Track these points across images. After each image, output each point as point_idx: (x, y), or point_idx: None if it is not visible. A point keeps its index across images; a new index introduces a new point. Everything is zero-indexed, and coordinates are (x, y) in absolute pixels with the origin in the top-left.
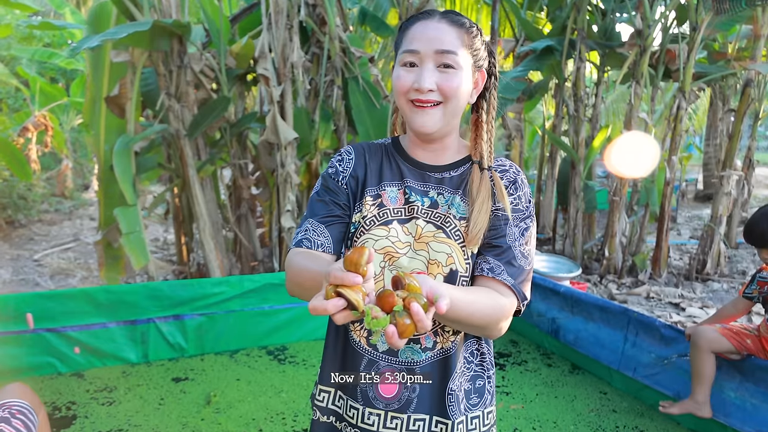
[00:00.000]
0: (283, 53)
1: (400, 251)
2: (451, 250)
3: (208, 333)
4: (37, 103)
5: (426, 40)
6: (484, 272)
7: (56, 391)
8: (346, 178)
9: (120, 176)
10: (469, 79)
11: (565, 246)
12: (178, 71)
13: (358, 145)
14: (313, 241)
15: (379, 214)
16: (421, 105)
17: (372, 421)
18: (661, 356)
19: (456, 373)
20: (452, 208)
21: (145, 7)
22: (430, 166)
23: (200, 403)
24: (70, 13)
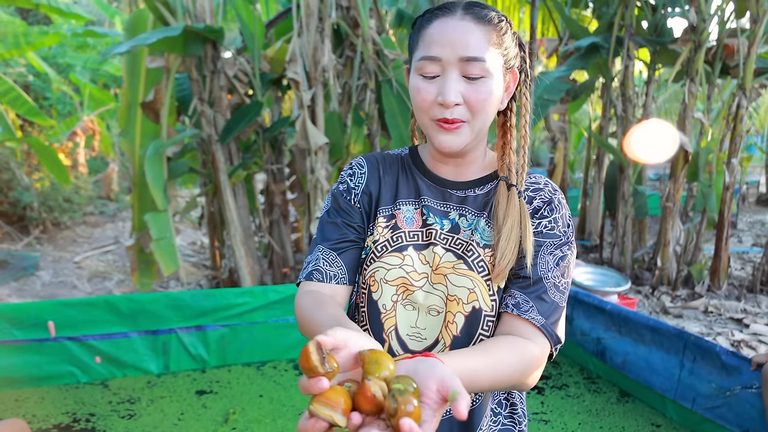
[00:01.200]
0: (314, 57)
1: (415, 284)
2: (473, 285)
3: (230, 345)
4: (87, 108)
5: (448, 45)
6: (509, 309)
7: (79, 400)
8: (358, 196)
9: (151, 181)
10: (500, 85)
11: (614, 254)
12: (211, 76)
13: (371, 156)
14: (324, 272)
15: (392, 238)
16: (449, 125)
17: None
18: (722, 387)
19: (482, 429)
20: (476, 234)
21: (179, 12)
22: (452, 183)
23: (218, 421)
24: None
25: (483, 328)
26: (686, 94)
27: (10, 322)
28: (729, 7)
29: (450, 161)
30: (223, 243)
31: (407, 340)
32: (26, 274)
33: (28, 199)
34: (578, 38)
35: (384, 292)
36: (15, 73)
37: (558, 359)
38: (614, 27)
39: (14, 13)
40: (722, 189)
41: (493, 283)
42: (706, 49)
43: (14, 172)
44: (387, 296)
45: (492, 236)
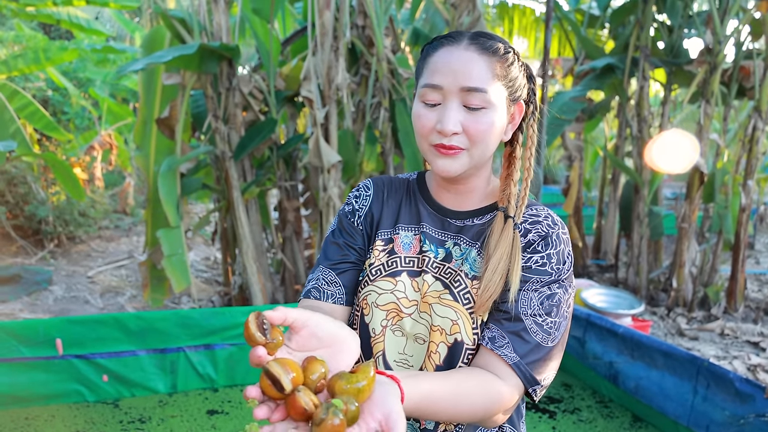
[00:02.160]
0: (328, 75)
1: (405, 310)
2: (457, 316)
3: (239, 364)
4: (104, 122)
5: (451, 73)
6: (485, 342)
7: (89, 419)
8: (362, 218)
9: (164, 197)
10: (503, 116)
11: (629, 275)
12: (226, 93)
13: (379, 179)
14: (322, 291)
15: (387, 262)
16: (447, 151)
17: None
18: (736, 414)
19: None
20: (465, 264)
21: (195, 30)
22: (453, 212)
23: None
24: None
25: (463, 361)
26: (702, 115)
27: (18, 340)
28: (745, 29)
29: (452, 188)
30: (235, 259)
31: (394, 366)
32: (39, 288)
33: (44, 213)
34: (594, 58)
35: (375, 316)
36: (34, 87)
37: (570, 381)
38: (630, 47)
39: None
40: (738, 210)
41: (475, 315)
42: (722, 70)
43: (31, 186)
44: (377, 321)
45: (480, 268)
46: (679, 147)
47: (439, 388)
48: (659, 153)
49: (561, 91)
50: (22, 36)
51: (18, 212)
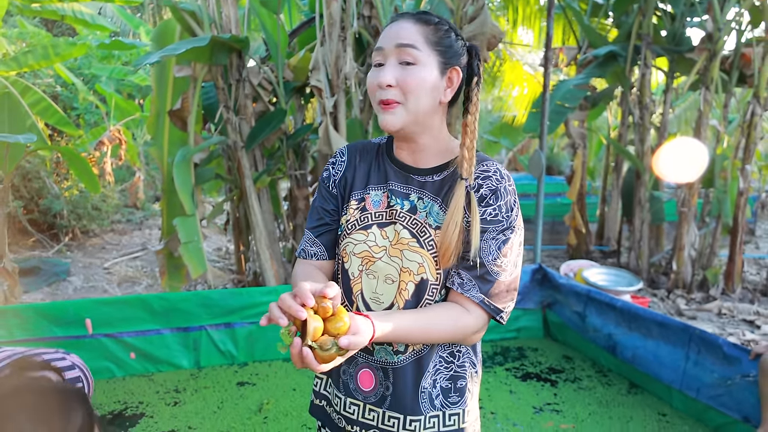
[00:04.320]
0: (336, 65)
1: (376, 255)
2: (422, 260)
3: (257, 341)
4: (113, 118)
5: (388, 37)
6: (455, 287)
7: (128, 391)
8: (336, 182)
9: (180, 187)
10: (433, 76)
11: (630, 259)
12: (236, 85)
13: (353, 145)
14: (308, 251)
15: (360, 218)
16: (386, 105)
17: (352, 411)
18: (724, 376)
19: (429, 372)
20: (429, 217)
21: (205, 23)
22: (414, 169)
23: (253, 410)
24: (146, 33)
25: (428, 294)
26: (702, 101)
27: (49, 320)
28: (746, 16)
29: (407, 147)
30: (248, 247)
31: (370, 302)
32: (58, 279)
33: (58, 207)
34: (597, 47)
35: (352, 263)
36: (44, 83)
37: (571, 354)
38: (632, 36)
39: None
40: (736, 194)
41: (441, 266)
42: (722, 57)
43: (45, 181)
44: (355, 266)
45: (443, 219)
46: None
47: (407, 320)
48: (667, 162)
49: (565, 79)
50: (26, 33)
51: (33, 207)
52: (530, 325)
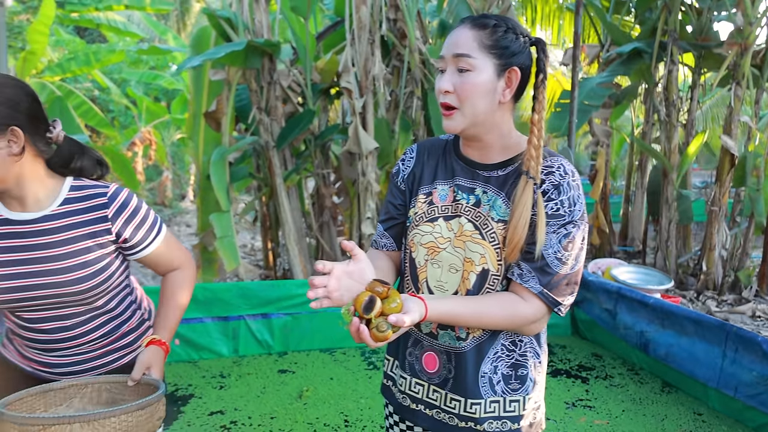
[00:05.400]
0: (365, 67)
1: (441, 246)
2: (484, 251)
3: (292, 332)
4: (144, 120)
5: (447, 46)
6: (514, 277)
7: (177, 375)
8: (405, 178)
9: (216, 184)
10: (488, 80)
11: (657, 260)
12: (268, 87)
13: (422, 143)
14: (378, 243)
15: (428, 211)
16: (446, 111)
17: (417, 390)
18: (764, 374)
19: (489, 358)
20: (492, 210)
21: (240, 28)
22: (480, 164)
23: (293, 396)
24: (173, 38)
25: (489, 284)
26: (732, 97)
27: None
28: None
29: (472, 145)
30: (277, 243)
31: (434, 290)
32: None
33: None
34: (620, 44)
35: (419, 252)
36: (84, 88)
37: (601, 352)
38: (657, 32)
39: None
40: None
41: (507, 259)
42: (753, 52)
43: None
44: (421, 256)
45: (506, 213)
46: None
47: (459, 306)
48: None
49: (586, 77)
50: (62, 41)
51: None
52: (558, 322)
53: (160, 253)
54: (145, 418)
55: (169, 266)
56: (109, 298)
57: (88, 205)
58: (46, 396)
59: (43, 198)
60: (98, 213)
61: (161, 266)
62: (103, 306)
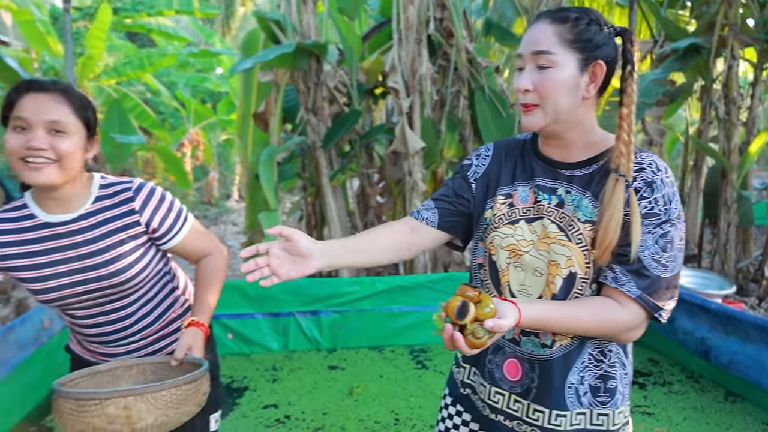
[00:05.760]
0: (412, 66)
1: (523, 249)
2: (571, 253)
3: (341, 329)
4: (192, 122)
5: (526, 44)
6: (608, 281)
7: (231, 367)
8: (476, 174)
9: (264, 184)
10: (571, 76)
11: (714, 264)
12: (315, 88)
13: (498, 143)
14: (421, 213)
15: (508, 213)
16: (526, 108)
17: (497, 400)
18: None
19: (576, 368)
20: (578, 211)
21: (289, 30)
22: (561, 163)
23: (344, 392)
24: (219, 42)
25: (577, 288)
26: None
27: None
28: None
29: (553, 143)
30: None
31: (518, 294)
32: None
33: None
34: (675, 40)
35: (500, 255)
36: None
37: (658, 358)
38: (716, 26)
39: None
40: None
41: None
42: None
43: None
44: (502, 259)
45: (594, 213)
46: None
47: (550, 312)
48: None
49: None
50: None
51: None
52: None
53: (189, 241)
54: (192, 392)
55: (201, 254)
56: (150, 286)
57: (116, 201)
58: (95, 377)
59: (78, 198)
60: (126, 206)
61: (193, 254)
62: (145, 295)
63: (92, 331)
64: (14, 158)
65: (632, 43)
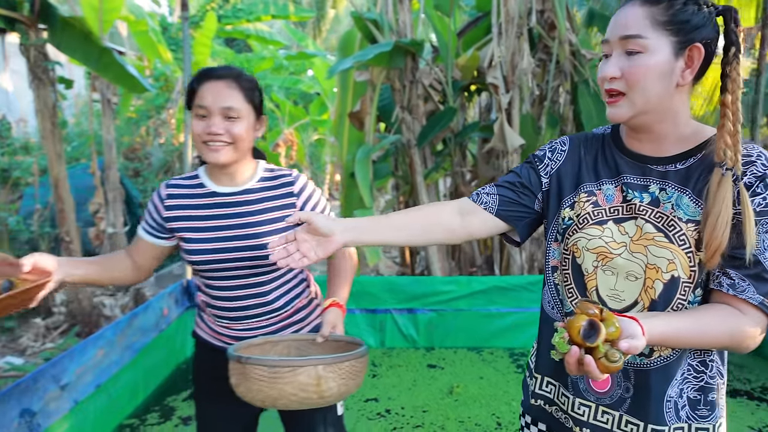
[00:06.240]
0: (512, 61)
1: (614, 251)
2: (673, 256)
3: (437, 328)
4: (286, 122)
5: (613, 28)
6: (724, 288)
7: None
8: (549, 170)
9: (360, 182)
10: (664, 61)
11: None
12: (410, 86)
13: (575, 137)
14: (480, 197)
15: (593, 213)
16: (611, 98)
17: (582, 411)
18: None
19: (676, 380)
20: (678, 209)
21: (385, 29)
22: (652, 158)
23: (444, 391)
24: (311, 44)
25: (680, 294)
26: None
27: None
28: None
29: (641, 137)
30: None
31: (606, 299)
32: None
33: None
34: None
35: (585, 258)
36: None
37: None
38: None
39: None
40: None
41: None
42: None
43: None
44: (588, 262)
45: (697, 212)
46: None
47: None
48: None
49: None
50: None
51: None
52: None
53: None
54: (362, 366)
55: None
56: (289, 269)
57: (279, 183)
58: (249, 350)
59: (246, 175)
60: (287, 189)
61: None
62: (283, 276)
63: (228, 305)
64: (198, 141)
65: (736, 23)
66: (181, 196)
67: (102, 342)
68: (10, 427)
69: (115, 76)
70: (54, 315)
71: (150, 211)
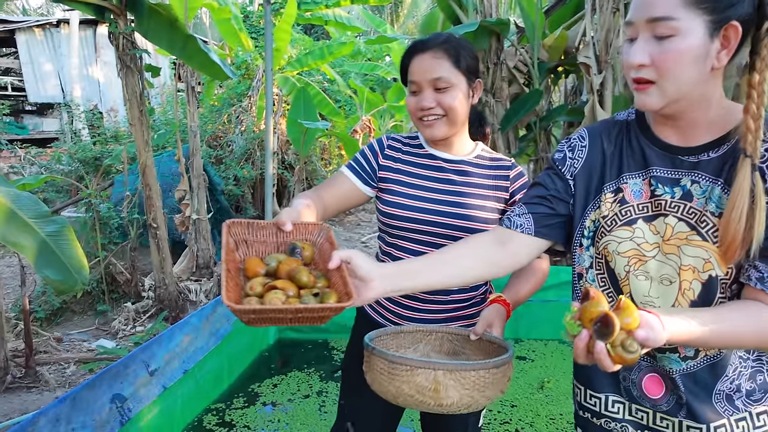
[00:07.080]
0: (606, 39)
1: (647, 254)
2: (708, 255)
3: (522, 318)
4: (364, 109)
5: (638, 8)
6: (752, 282)
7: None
8: (573, 170)
9: None
10: (698, 44)
11: None
12: (494, 68)
13: (593, 128)
14: (512, 220)
15: (620, 212)
16: (639, 85)
17: (641, 417)
18: None
19: (727, 377)
20: (710, 203)
21: (470, 9)
22: (682, 149)
23: (534, 386)
24: (389, 29)
25: (720, 293)
26: None
27: None
28: None
29: (671, 124)
30: None
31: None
32: None
33: None
34: None
35: (617, 262)
36: (317, 80)
37: None
38: None
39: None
40: None
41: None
42: None
43: (316, 165)
44: (620, 266)
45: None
46: None
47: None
48: None
49: None
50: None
51: (306, 187)
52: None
53: None
54: (499, 377)
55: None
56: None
57: (497, 164)
58: (398, 337)
59: (462, 146)
60: (503, 172)
61: None
62: None
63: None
64: (414, 118)
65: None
66: (401, 151)
67: (188, 328)
68: (101, 412)
69: (200, 64)
70: (143, 299)
71: (366, 155)
